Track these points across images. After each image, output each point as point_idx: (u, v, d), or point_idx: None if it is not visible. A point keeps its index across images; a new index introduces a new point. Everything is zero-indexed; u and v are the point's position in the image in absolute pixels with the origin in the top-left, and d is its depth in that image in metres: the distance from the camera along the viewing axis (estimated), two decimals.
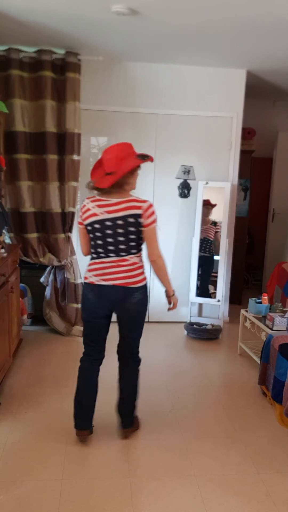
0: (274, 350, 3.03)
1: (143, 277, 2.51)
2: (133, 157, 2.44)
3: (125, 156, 2.43)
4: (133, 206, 2.41)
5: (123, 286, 2.46)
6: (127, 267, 2.46)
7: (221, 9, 2.93)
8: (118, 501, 2.15)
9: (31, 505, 2.10)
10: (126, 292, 2.47)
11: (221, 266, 4.53)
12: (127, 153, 2.45)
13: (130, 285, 2.46)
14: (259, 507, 2.15)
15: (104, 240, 2.46)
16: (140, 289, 2.49)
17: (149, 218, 2.42)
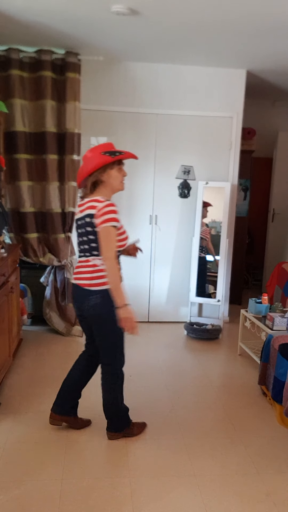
0: (274, 350, 3.03)
1: (103, 281, 2.39)
2: (99, 155, 2.38)
3: (92, 156, 2.40)
4: (91, 206, 2.38)
5: (81, 287, 2.45)
6: (88, 268, 2.44)
7: (221, 9, 2.94)
8: (118, 501, 2.15)
9: (31, 505, 2.10)
10: (83, 293, 2.45)
11: (221, 266, 4.53)
12: (95, 152, 2.40)
13: (87, 287, 2.42)
14: (259, 507, 2.15)
15: (77, 240, 2.52)
16: (97, 293, 2.40)
17: (100, 217, 2.32)
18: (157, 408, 3.03)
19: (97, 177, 2.40)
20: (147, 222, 4.60)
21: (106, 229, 2.32)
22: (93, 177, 2.40)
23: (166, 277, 4.74)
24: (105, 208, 2.33)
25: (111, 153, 2.39)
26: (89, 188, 2.42)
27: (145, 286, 4.71)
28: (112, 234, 2.33)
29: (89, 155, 2.42)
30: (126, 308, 2.36)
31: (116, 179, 2.45)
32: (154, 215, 4.59)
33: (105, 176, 2.41)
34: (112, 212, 2.33)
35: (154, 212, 4.59)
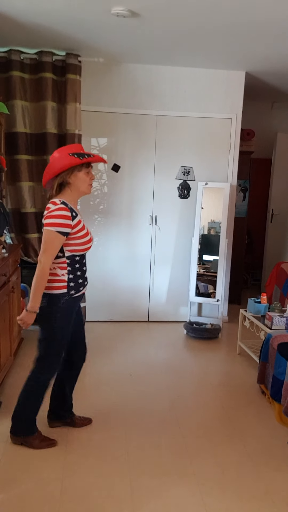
0: (273, 349, 3.05)
1: (51, 285, 2.33)
2: (67, 156, 2.30)
3: (59, 156, 2.33)
4: (47, 207, 2.33)
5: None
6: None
7: (220, 11, 2.96)
8: (118, 500, 2.17)
9: (32, 503, 2.12)
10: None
11: (221, 266, 4.55)
12: (63, 153, 2.33)
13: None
14: (258, 505, 2.17)
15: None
16: (44, 296, 2.33)
17: (46, 219, 2.27)
18: (156, 407, 3.05)
19: (64, 179, 2.33)
20: (147, 222, 4.63)
21: (48, 232, 2.24)
22: (60, 178, 2.33)
23: (166, 277, 4.76)
24: (55, 211, 2.25)
25: (79, 154, 2.32)
26: (55, 189, 2.35)
27: (145, 286, 4.73)
28: (52, 238, 2.25)
29: (57, 156, 2.34)
30: (31, 315, 2.31)
31: (83, 182, 2.37)
32: (154, 215, 4.62)
33: (72, 178, 2.34)
34: (61, 217, 2.25)
35: (154, 213, 4.61)
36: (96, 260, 4.60)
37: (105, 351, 3.96)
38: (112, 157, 4.48)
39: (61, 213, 2.26)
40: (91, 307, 4.51)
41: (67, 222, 2.27)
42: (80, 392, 3.19)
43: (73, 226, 2.31)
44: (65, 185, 2.36)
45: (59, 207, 2.27)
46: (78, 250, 2.37)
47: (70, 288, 2.37)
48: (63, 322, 2.42)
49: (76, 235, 2.33)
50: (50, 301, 2.35)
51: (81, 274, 2.43)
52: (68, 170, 2.32)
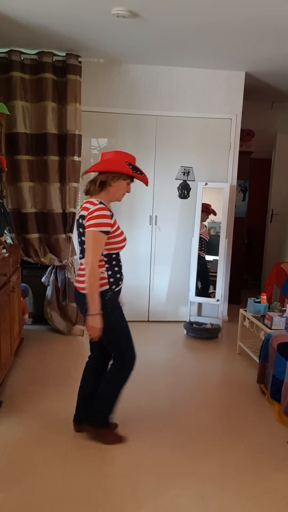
0: (273, 349, 3.06)
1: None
2: (123, 162, 2.40)
3: (116, 159, 2.41)
4: (84, 207, 2.39)
5: (77, 290, 2.49)
6: (82, 272, 2.46)
7: (220, 11, 2.96)
8: (119, 499, 2.18)
9: (33, 502, 2.13)
10: (79, 296, 2.48)
11: (220, 266, 4.56)
12: (121, 158, 2.42)
13: (81, 290, 2.44)
14: (258, 505, 2.17)
15: (78, 240, 2.52)
16: (86, 297, 2.38)
17: (88, 221, 2.31)
18: (156, 406, 3.06)
19: (108, 179, 2.41)
20: (147, 222, 4.63)
21: (93, 234, 2.29)
22: (105, 177, 2.41)
23: (166, 277, 4.77)
24: (96, 211, 2.31)
25: (134, 167, 2.42)
26: (97, 185, 2.42)
27: (145, 286, 4.74)
28: (98, 239, 2.30)
29: (112, 157, 2.43)
30: (96, 317, 2.33)
31: (121, 190, 2.47)
32: (154, 215, 4.62)
33: (114, 182, 2.42)
34: (103, 217, 2.30)
35: (154, 213, 4.62)
36: None
37: None
38: None
39: (102, 213, 2.31)
40: None
41: (108, 221, 2.32)
42: None
43: (112, 225, 2.37)
44: (105, 186, 2.43)
45: (100, 207, 2.33)
46: (115, 249, 2.43)
47: (111, 284, 2.43)
48: (116, 315, 2.46)
49: (114, 234, 2.38)
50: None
51: (119, 269, 2.49)
52: (116, 174, 2.40)
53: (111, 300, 2.44)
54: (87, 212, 2.36)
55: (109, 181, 2.41)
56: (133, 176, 2.44)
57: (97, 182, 2.42)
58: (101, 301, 2.38)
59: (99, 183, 2.42)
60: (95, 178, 2.46)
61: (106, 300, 2.40)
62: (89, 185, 2.48)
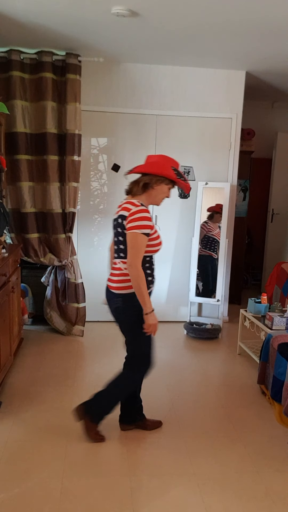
0: (273, 350, 3.05)
1: (124, 285, 2.41)
2: (169, 167, 2.40)
3: (161, 163, 2.42)
4: (125, 207, 2.39)
5: (108, 288, 2.51)
6: (114, 271, 2.48)
7: (220, 11, 2.96)
8: (118, 499, 2.17)
9: (32, 503, 2.12)
10: (109, 295, 2.50)
11: (221, 266, 4.55)
12: (167, 162, 2.43)
13: (112, 289, 2.47)
14: (259, 506, 2.17)
15: (114, 240, 2.53)
16: (118, 296, 2.43)
17: (130, 222, 2.32)
18: (156, 407, 3.05)
19: (151, 181, 2.41)
20: None
21: (135, 236, 2.30)
22: (148, 179, 2.41)
23: (166, 277, 4.76)
24: (138, 213, 2.32)
25: (178, 173, 2.42)
26: (140, 186, 2.43)
27: None
28: (140, 241, 2.31)
29: (158, 160, 2.44)
30: (151, 315, 2.37)
31: (162, 195, 2.47)
32: (154, 215, 4.61)
33: (157, 186, 2.43)
34: (145, 219, 2.31)
35: (154, 212, 4.61)
36: (96, 260, 4.60)
37: (105, 351, 3.97)
38: (112, 157, 4.48)
39: (144, 215, 2.32)
40: (91, 307, 4.50)
41: (149, 223, 2.34)
42: (80, 392, 3.20)
43: (152, 227, 2.37)
44: (147, 188, 2.43)
45: (141, 209, 2.34)
46: (150, 251, 2.44)
47: None
48: (143, 319, 2.45)
49: (151, 236, 2.39)
50: (125, 301, 2.43)
51: (151, 272, 2.50)
52: (160, 178, 2.40)
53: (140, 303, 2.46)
54: (127, 212, 2.36)
55: (152, 184, 2.42)
56: (175, 181, 2.44)
57: (140, 184, 2.43)
58: (132, 301, 2.40)
59: (143, 184, 2.43)
60: (138, 179, 2.46)
61: (135, 303, 2.41)
62: (131, 185, 2.49)
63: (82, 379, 3.43)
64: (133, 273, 2.32)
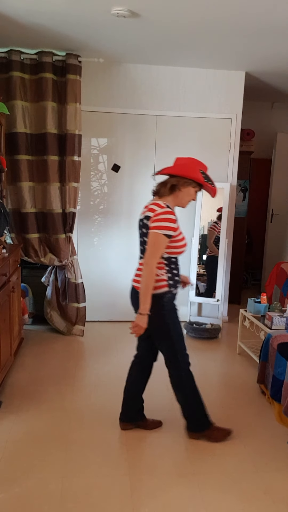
0: (273, 349, 3.06)
1: (153, 286, 2.42)
2: (197, 170, 2.41)
3: (190, 166, 2.42)
4: (151, 208, 2.41)
5: (134, 288, 2.53)
6: (140, 271, 2.50)
7: (220, 11, 2.96)
8: (118, 499, 2.18)
9: (32, 503, 2.13)
10: (135, 295, 2.52)
11: (221, 266, 4.56)
12: (195, 166, 2.43)
13: (136, 288, 2.50)
14: (258, 505, 2.17)
15: (140, 240, 2.55)
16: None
17: (153, 222, 2.35)
18: (156, 406, 3.05)
19: (178, 184, 2.42)
20: None
21: (156, 236, 2.33)
22: (176, 181, 2.43)
23: None
24: (162, 214, 2.34)
25: (206, 176, 2.43)
26: (168, 188, 2.44)
27: None
28: (160, 241, 2.33)
29: (187, 163, 2.44)
30: (144, 317, 2.39)
31: (188, 197, 2.49)
32: None
33: (184, 188, 2.44)
34: (169, 221, 2.33)
35: None
36: (96, 260, 4.60)
37: (105, 351, 3.97)
38: (112, 157, 4.48)
39: (168, 216, 2.34)
40: (91, 307, 4.51)
41: (173, 225, 2.36)
42: (80, 392, 3.21)
43: (175, 229, 2.39)
44: (174, 190, 2.44)
45: (167, 211, 2.36)
46: (175, 253, 2.46)
47: (170, 286, 2.48)
48: (173, 318, 2.51)
49: (176, 238, 2.41)
50: (155, 301, 2.42)
51: (177, 272, 2.53)
52: (188, 180, 2.42)
53: (168, 302, 2.49)
54: (152, 213, 2.38)
55: (180, 185, 2.43)
56: (203, 185, 2.45)
57: (167, 185, 2.44)
58: (160, 302, 2.43)
59: (170, 186, 2.44)
60: (166, 181, 2.47)
61: (164, 302, 2.45)
62: (158, 186, 2.50)
63: (82, 379, 3.44)
64: (145, 271, 2.35)
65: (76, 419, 2.86)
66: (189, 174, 2.40)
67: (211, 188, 2.46)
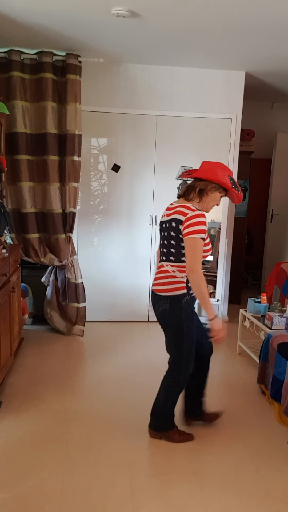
0: (273, 349, 3.06)
1: (171, 287, 2.44)
2: (225, 175, 2.41)
3: (218, 170, 2.42)
4: (180, 211, 2.39)
5: (154, 292, 2.54)
6: (161, 274, 2.51)
7: (220, 11, 2.96)
8: (118, 499, 2.18)
9: (32, 503, 2.13)
10: (155, 298, 2.53)
11: (221, 266, 4.56)
12: (224, 171, 2.43)
13: (158, 292, 2.50)
14: (258, 505, 2.17)
15: (160, 243, 2.55)
16: (165, 299, 2.46)
17: (187, 228, 2.33)
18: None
19: (206, 188, 2.42)
20: (147, 222, 4.63)
21: (194, 241, 2.32)
22: (204, 185, 2.43)
23: None
24: (196, 218, 2.33)
25: (233, 182, 2.43)
26: (197, 192, 2.44)
27: (145, 286, 4.73)
28: (199, 246, 2.33)
29: (215, 167, 2.44)
30: (216, 320, 2.38)
31: (213, 202, 2.49)
32: (154, 215, 4.62)
33: (211, 193, 2.44)
34: (202, 224, 2.33)
35: (154, 213, 4.61)
36: (96, 260, 4.60)
37: (105, 351, 3.97)
38: (112, 157, 4.48)
39: (201, 219, 2.34)
40: (91, 307, 4.51)
41: (205, 228, 2.36)
42: (80, 392, 3.21)
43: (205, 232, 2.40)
44: (201, 195, 2.44)
45: (199, 214, 2.35)
46: (203, 256, 2.44)
47: (189, 288, 2.45)
48: (189, 321, 2.50)
49: (204, 241, 2.41)
50: (173, 303, 2.45)
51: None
52: (215, 185, 2.42)
53: (187, 305, 2.47)
54: (183, 216, 2.37)
55: (207, 190, 2.43)
56: (229, 190, 2.45)
57: (196, 189, 2.44)
58: (178, 304, 2.44)
59: (199, 190, 2.44)
60: (194, 184, 2.47)
61: (183, 304, 2.44)
62: (185, 189, 2.50)
63: (82, 379, 3.44)
64: (194, 279, 2.32)
65: (76, 419, 2.86)
66: (218, 179, 2.40)
67: (236, 195, 2.46)
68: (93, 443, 2.62)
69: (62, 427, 2.76)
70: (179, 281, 2.44)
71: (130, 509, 2.11)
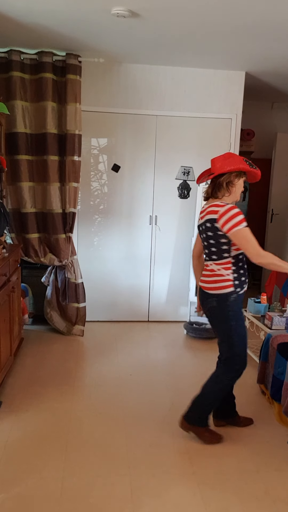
0: (273, 349, 3.06)
1: (218, 286, 2.46)
2: (241, 160, 2.41)
3: (235, 159, 2.42)
4: (211, 211, 2.42)
5: (202, 289, 2.56)
6: (207, 272, 2.53)
7: (220, 11, 2.96)
8: (118, 499, 2.18)
9: (32, 503, 2.13)
10: (203, 295, 2.56)
11: None
12: (238, 157, 2.44)
13: (206, 290, 2.52)
14: (258, 505, 2.17)
15: (203, 244, 2.57)
16: (212, 296, 2.48)
17: (226, 224, 2.35)
18: (156, 406, 3.06)
19: (231, 179, 2.43)
20: (147, 222, 4.63)
21: (240, 232, 2.34)
22: (227, 178, 2.43)
23: (166, 277, 4.76)
24: (230, 211, 2.34)
25: (250, 163, 2.43)
26: (225, 187, 2.44)
27: (145, 286, 4.74)
28: (248, 234, 2.34)
29: (228, 157, 2.44)
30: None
31: (240, 189, 2.50)
32: (154, 215, 4.62)
33: (238, 182, 2.45)
34: (239, 214, 2.34)
35: (154, 213, 4.61)
36: (96, 260, 4.60)
37: (105, 351, 3.97)
38: (112, 157, 4.48)
39: (235, 211, 2.35)
40: (91, 307, 4.52)
41: (243, 216, 2.37)
42: (80, 392, 3.21)
43: None
44: (228, 187, 2.45)
45: (230, 207, 2.37)
46: (239, 249, 2.45)
47: (236, 286, 2.47)
48: (237, 319, 2.50)
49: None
50: (220, 301, 2.47)
51: (243, 272, 2.53)
52: (238, 173, 2.43)
53: (234, 302, 2.48)
54: (215, 215, 2.38)
55: (233, 180, 2.45)
56: (248, 171, 2.45)
57: (223, 184, 2.44)
58: (225, 302, 2.45)
59: (226, 184, 2.44)
60: (218, 182, 2.46)
61: (230, 302, 2.46)
62: (210, 189, 2.51)
63: (82, 379, 3.44)
64: (265, 262, 2.35)
65: (76, 419, 2.86)
66: (239, 167, 2.41)
67: (255, 173, 2.47)
68: (93, 443, 2.62)
69: (62, 427, 2.76)
70: (226, 279, 2.46)
71: (130, 509, 2.11)
